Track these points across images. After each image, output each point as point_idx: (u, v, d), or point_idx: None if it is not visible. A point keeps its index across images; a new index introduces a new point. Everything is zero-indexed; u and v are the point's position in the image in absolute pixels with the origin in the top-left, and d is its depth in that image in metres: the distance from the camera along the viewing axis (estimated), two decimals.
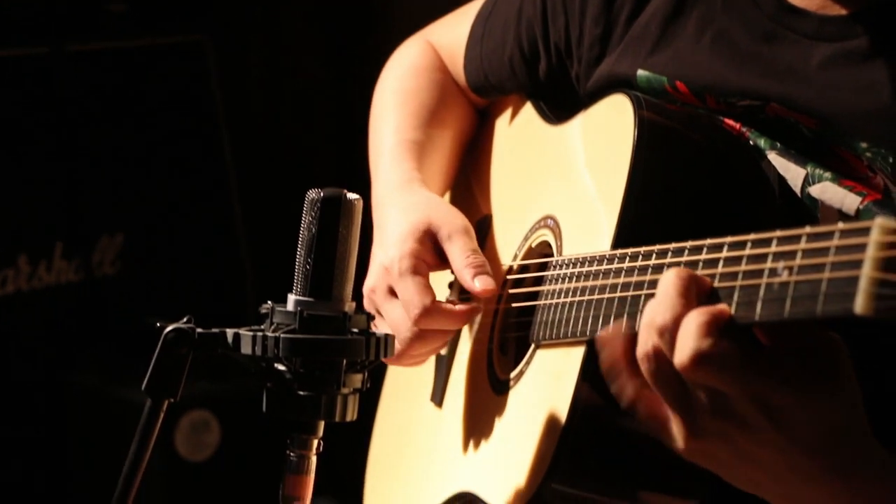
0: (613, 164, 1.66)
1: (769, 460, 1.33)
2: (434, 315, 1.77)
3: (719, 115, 1.68)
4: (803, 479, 1.33)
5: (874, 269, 1.19)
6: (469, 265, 1.78)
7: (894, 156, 1.53)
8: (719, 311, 1.33)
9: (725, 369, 1.30)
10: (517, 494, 1.67)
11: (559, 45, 1.85)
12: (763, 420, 1.31)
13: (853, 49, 1.56)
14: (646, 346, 1.36)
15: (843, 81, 1.55)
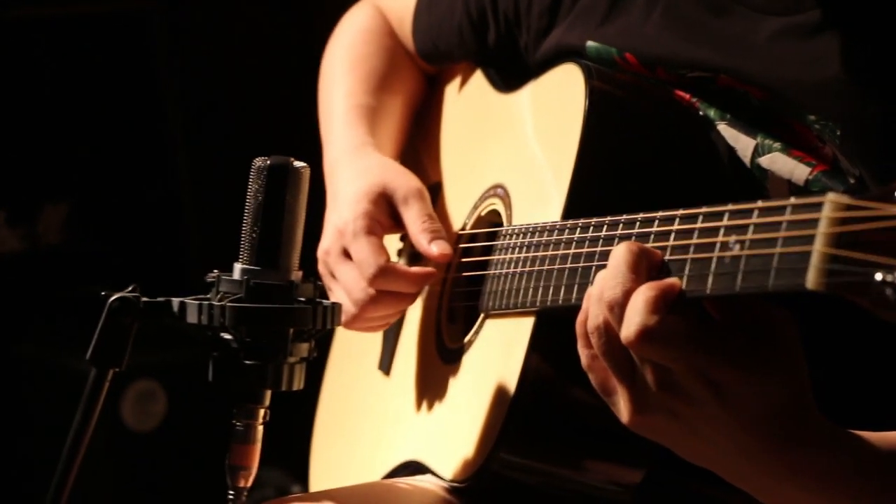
0: (564, 133, 1.65)
1: (714, 435, 1.33)
2: (388, 276, 1.76)
3: (670, 85, 1.67)
4: (746, 454, 1.33)
5: (825, 244, 1.19)
6: (425, 230, 1.78)
7: (842, 128, 1.53)
8: (668, 285, 1.32)
9: (671, 345, 1.30)
10: (465, 463, 1.67)
11: (508, 13, 1.84)
12: (708, 395, 1.31)
13: (801, 23, 1.56)
14: (596, 320, 1.35)
15: (791, 55, 1.55)
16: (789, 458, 1.32)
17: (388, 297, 1.78)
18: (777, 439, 1.31)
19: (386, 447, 1.87)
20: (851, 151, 1.53)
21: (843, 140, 1.53)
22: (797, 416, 1.31)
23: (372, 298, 1.77)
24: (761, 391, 1.30)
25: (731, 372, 1.29)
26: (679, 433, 1.35)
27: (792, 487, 1.34)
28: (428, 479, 1.75)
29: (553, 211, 1.63)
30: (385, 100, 2.02)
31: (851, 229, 1.16)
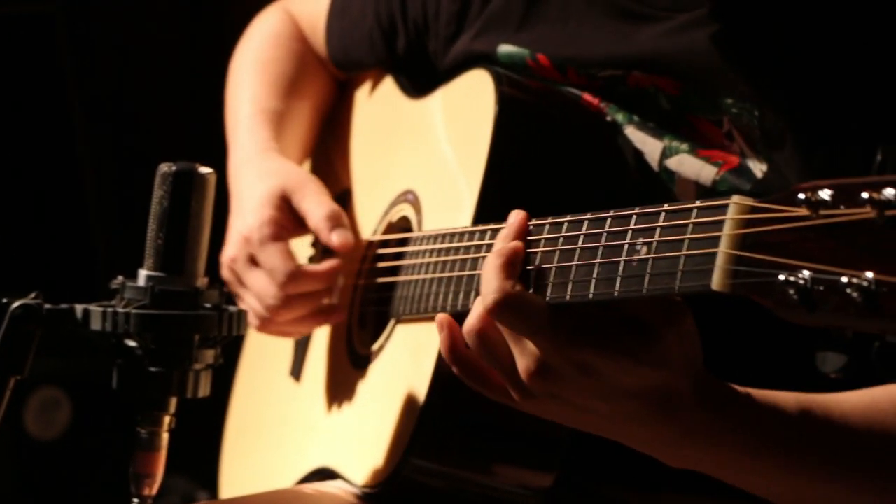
0: (474, 138, 1.65)
1: (600, 407, 1.35)
2: (299, 279, 1.76)
3: (579, 89, 1.68)
4: (639, 421, 1.35)
5: (730, 246, 1.19)
6: (324, 218, 1.78)
7: (760, 109, 1.54)
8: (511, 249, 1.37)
9: (526, 311, 1.33)
10: (376, 469, 1.66)
11: (417, 21, 1.84)
12: (578, 374, 1.33)
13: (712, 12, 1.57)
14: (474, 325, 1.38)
15: (704, 42, 1.57)
16: (679, 423, 1.34)
17: (300, 300, 1.78)
18: (661, 409, 1.34)
19: (297, 454, 1.86)
20: (769, 132, 1.53)
21: (761, 121, 1.54)
22: (677, 391, 1.33)
23: (284, 303, 1.77)
24: (633, 373, 1.32)
25: (596, 354, 1.32)
26: (566, 412, 1.37)
27: (690, 447, 1.37)
28: (338, 485, 1.74)
29: (463, 216, 1.63)
30: (293, 104, 2.01)
31: (755, 231, 1.17)
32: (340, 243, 1.77)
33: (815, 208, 1.12)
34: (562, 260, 1.38)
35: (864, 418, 1.41)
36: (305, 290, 1.77)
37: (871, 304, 1.06)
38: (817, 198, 1.12)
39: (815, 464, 1.40)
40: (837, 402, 1.41)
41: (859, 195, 1.09)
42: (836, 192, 1.11)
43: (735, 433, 1.36)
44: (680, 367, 1.33)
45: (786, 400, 1.39)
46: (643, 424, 1.35)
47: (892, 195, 1.07)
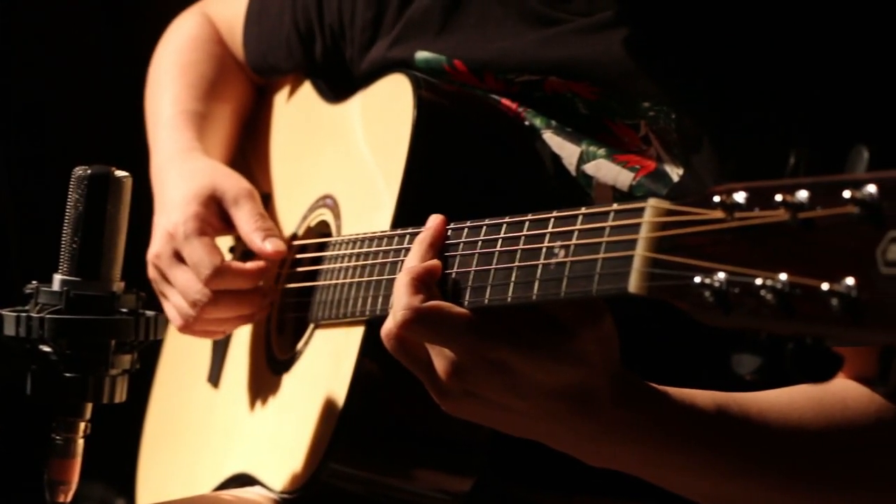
0: (392, 143, 1.65)
1: (518, 405, 1.36)
2: (225, 275, 1.75)
3: (497, 94, 1.68)
4: (556, 418, 1.36)
5: (647, 249, 1.20)
6: (258, 228, 1.77)
7: (677, 112, 1.55)
8: (424, 269, 1.38)
9: (436, 325, 1.34)
10: (294, 475, 1.66)
11: (333, 27, 1.84)
12: (501, 378, 1.34)
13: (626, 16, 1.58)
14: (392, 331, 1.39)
15: (618, 45, 1.57)
16: (597, 420, 1.36)
17: (226, 298, 1.77)
18: (580, 406, 1.35)
19: (215, 460, 1.85)
20: (686, 135, 1.54)
21: (678, 123, 1.55)
22: (596, 388, 1.34)
23: (210, 299, 1.75)
24: (550, 370, 1.33)
25: (511, 352, 1.33)
26: (484, 411, 1.38)
27: (609, 444, 1.38)
28: (257, 490, 1.73)
29: (382, 220, 1.63)
30: (213, 107, 2.00)
31: (671, 234, 1.18)
32: (274, 250, 1.76)
33: (730, 211, 1.13)
34: (480, 264, 1.38)
35: (781, 415, 1.42)
36: (231, 287, 1.76)
37: (784, 306, 1.07)
38: (732, 200, 1.13)
39: (732, 459, 1.42)
40: (755, 400, 1.42)
41: (773, 198, 1.10)
42: (750, 194, 1.12)
43: (653, 429, 1.38)
44: (598, 365, 1.34)
45: (703, 397, 1.41)
46: (562, 423, 1.36)
47: (804, 198, 1.08)
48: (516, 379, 1.34)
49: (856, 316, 1.03)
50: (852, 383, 1.46)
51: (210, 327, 1.79)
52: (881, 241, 1.02)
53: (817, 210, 1.07)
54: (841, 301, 1.03)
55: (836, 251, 1.05)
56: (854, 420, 1.45)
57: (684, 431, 1.39)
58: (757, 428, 1.42)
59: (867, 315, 1.02)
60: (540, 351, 1.33)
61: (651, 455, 1.39)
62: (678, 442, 1.39)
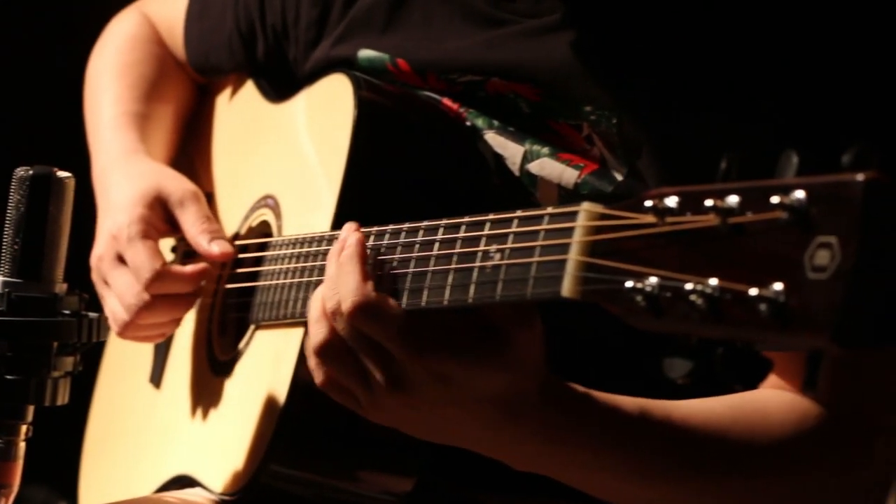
0: (333, 144, 1.65)
1: (452, 415, 1.38)
2: (166, 279, 1.74)
3: (439, 94, 1.69)
4: (482, 423, 1.38)
5: (580, 253, 1.21)
6: (204, 230, 1.77)
7: (617, 117, 1.56)
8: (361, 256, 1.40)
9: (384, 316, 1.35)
10: (235, 476, 1.66)
11: (276, 26, 1.84)
12: (440, 388, 1.35)
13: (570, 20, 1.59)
14: (320, 336, 1.40)
15: (562, 49, 1.58)
16: (524, 423, 1.38)
17: (163, 302, 1.76)
18: (508, 411, 1.37)
19: (156, 461, 1.84)
20: (627, 140, 1.56)
21: (619, 128, 1.56)
22: (524, 392, 1.36)
23: (147, 304, 1.75)
24: (486, 377, 1.35)
25: (451, 361, 1.34)
26: (415, 418, 1.40)
27: (533, 447, 1.40)
28: (198, 492, 1.73)
29: (322, 221, 1.63)
30: (155, 107, 1.99)
31: (605, 238, 1.19)
32: (221, 253, 1.76)
33: (662, 215, 1.14)
34: (418, 266, 1.39)
35: (704, 422, 1.44)
36: (170, 291, 1.76)
37: (714, 311, 1.08)
38: (664, 205, 1.14)
39: (653, 464, 1.44)
40: (679, 407, 1.44)
41: (704, 202, 1.11)
42: (682, 199, 1.13)
43: (577, 432, 1.40)
44: (528, 369, 1.35)
45: (627, 402, 1.43)
46: (490, 428, 1.38)
47: (735, 202, 1.09)
48: (453, 388, 1.35)
49: (784, 321, 1.04)
50: (775, 392, 1.49)
51: (145, 332, 1.79)
52: (809, 247, 1.04)
53: (747, 215, 1.08)
54: (769, 306, 1.05)
55: (766, 256, 1.06)
56: (775, 428, 1.47)
57: (608, 434, 1.41)
58: (679, 434, 1.43)
59: (795, 320, 1.03)
60: (477, 358, 1.34)
61: (575, 457, 1.41)
62: (601, 444, 1.41)
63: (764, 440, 1.46)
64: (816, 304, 1.02)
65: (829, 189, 1.04)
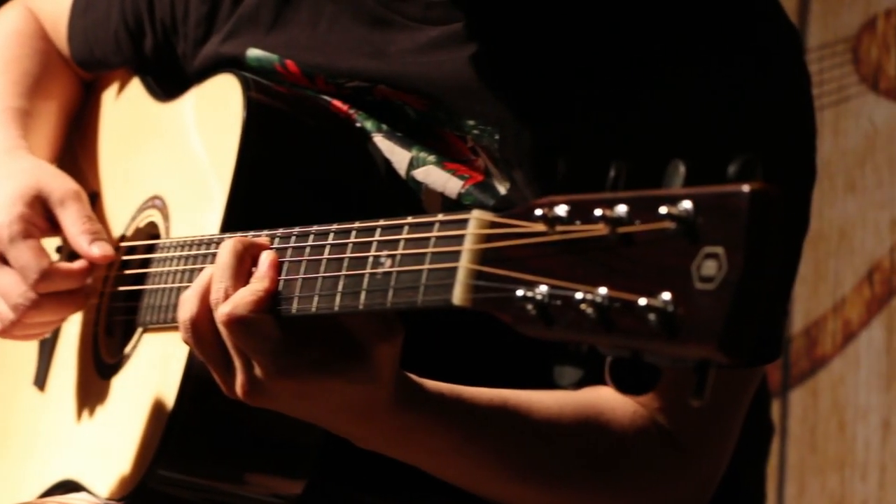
0: (222, 145, 1.64)
1: (307, 417, 1.43)
2: (53, 277, 1.72)
3: (328, 96, 1.68)
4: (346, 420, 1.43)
5: (471, 261, 1.21)
6: (85, 231, 1.74)
7: (500, 133, 1.57)
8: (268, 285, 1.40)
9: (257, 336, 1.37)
10: (122, 481, 1.64)
11: (165, 21, 1.82)
12: (297, 403, 1.40)
13: (457, 31, 1.60)
14: (191, 313, 1.41)
15: (447, 61, 1.59)
16: (374, 426, 1.43)
17: (51, 301, 1.73)
18: (360, 416, 1.42)
19: (41, 465, 1.82)
20: (508, 156, 1.57)
21: (501, 144, 1.57)
22: (379, 400, 1.41)
23: (34, 303, 1.72)
24: (344, 393, 1.39)
25: (311, 381, 1.38)
26: (271, 406, 1.42)
27: (384, 446, 1.47)
28: (83, 497, 1.71)
29: (211, 223, 1.62)
30: (39, 104, 1.96)
31: (495, 246, 1.19)
32: (102, 255, 1.73)
33: (552, 224, 1.14)
34: (309, 272, 1.38)
35: (547, 417, 1.49)
36: (59, 289, 1.73)
37: (604, 320, 1.09)
38: (553, 214, 1.14)
39: (507, 460, 1.49)
40: (529, 403, 1.49)
41: (593, 212, 1.11)
42: (571, 208, 1.14)
43: (428, 431, 1.45)
44: (384, 381, 1.38)
45: (482, 397, 1.48)
46: (341, 429, 1.44)
47: (623, 212, 1.10)
48: (308, 401, 1.39)
49: (672, 330, 1.05)
50: (621, 398, 1.53)
51: (31, 331, 1.76)
52: (696, 257, 1.05)
53: (636, 224, 1.09)
54: (658, 316, 1.05)
55: (654, 266, 1.07)
56: (615, 430, 1.52)
57: (457, 432, 1.47)
58: (532, 429, 1.49)
59: (683, 330, 1.04)
60: (337, 376, 1.37)
61: (426, 454, 1.48)
62: (451, 443, 1.47)
63: (604, 441, 1.52)
64: (703, 313, 1.03)
65: (716, 200, 1.05)
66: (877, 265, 3.05)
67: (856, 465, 3.05)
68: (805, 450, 3.09)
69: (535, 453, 1.51)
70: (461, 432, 1.47)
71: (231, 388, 1.41)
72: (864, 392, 3.05)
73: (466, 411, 1.46)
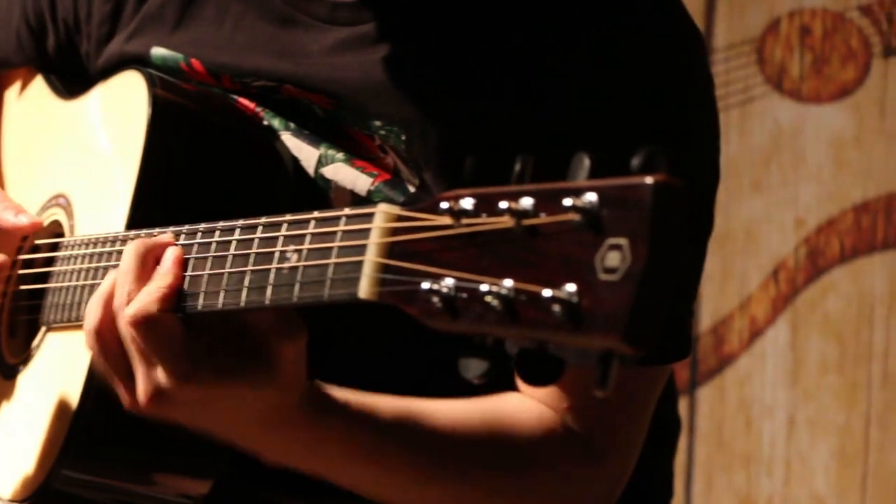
0: (127, 142, 1.63)
1: (206, 427, 1.43)
2: None
3: (235, 94, 1.67)
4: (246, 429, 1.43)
5: (377, 254, 1.21)
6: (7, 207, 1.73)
7: (407, 134, 1.57)
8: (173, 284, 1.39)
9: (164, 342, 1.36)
10: (25, 482, 1.62)
11: (67, 20, 1.80)
12: (198, 412, 1.40)
13: (364, 33, 1.60)
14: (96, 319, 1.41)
15: (353, 62, 1.59)
16: (278, 434, 1.42)
17: None
18: (262, 424, 1.41)
19: None
20: (416, 157, 1.57)
21: (407, 145, 1.57)
22: (284, 406, 1.40)
23: None
24: (247, 400, 1.39)
25: (213, 387, 1.37)
26: (180, 416, 1.42)
27: (287, 455, 1.46)
28: None
29: (117, 221, 1.60)
30: None
31: (401, 239, 1.19)
32: (31, 224, 1.72)
33: (458, 217, 1.15)
34: (214, 267, 1.38)
35: (461, 424, 1.50)
36: None
37: (509, 312, 1.09)
38: (459, 207, 1.15)
39: (411, 469, 1.49)
40: (433, 412, 1.49)
41: (498, 204, 1.12)
42: (477, 200, 1.14)
43: (335, 440, 1.45)
44: (290, 386, 1.38)
45: (386, 407, 1.47)
46: (241, 441, 1.43)
47: (529, 205, 1.10)
48: (210, 409, 1.39)
49: (577, 322, 1.05)
50: (528, 402, 1.54)
51: None
52: (600, 248, 1.06)
53: (541, 217, 1.10)
54: (563, 307, 1.06)
55: (559, 258, 1.08)
56: (521, 435, 1.53)
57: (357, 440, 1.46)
58: (436, 437, 1.49)
59: (587, 321, 1.05)
60: (239, 382, 1.36)
61: (330, 464, 1.48)
62: (353, 452, 1.47)
63: (510, 449, 1.53)
64: (607, 305, 1.04)
65: (619, 192, 1.05)
66: (782, 264, 3.10)
67: (762, 461, 3.09)
68: (712, 446, 3.13)
69: (440, 462, 1.51)
70: (367, 442, 1.47)
71: (133, 398, 1.40)
72: (769, 389, 3.09)
73: (371, 420, 1.46)
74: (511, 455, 1.54)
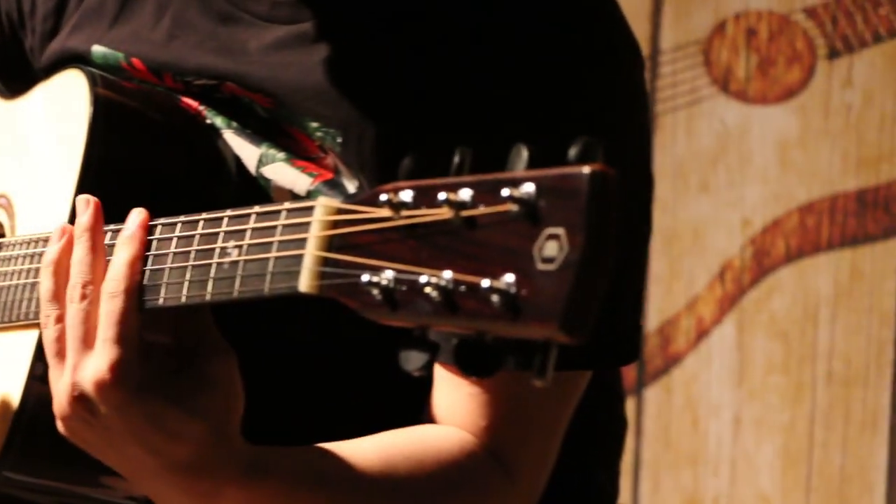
0: (69, 142, 1.62)
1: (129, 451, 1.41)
2: None
3: (177, 93, 1.67)
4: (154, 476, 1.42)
5: (317, 247, 1.21)
6: None
7: (343, 136, 1.57)
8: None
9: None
10: None
11: (11, 15, 1.79)
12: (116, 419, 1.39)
13: (303, 32, 1.59)
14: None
15: (292, 62, 1.58)
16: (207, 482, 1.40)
17: None
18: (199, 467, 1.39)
19: None
20: (351, 159, 1.57)
21: (343, 147, 1.57)
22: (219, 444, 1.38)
23: None
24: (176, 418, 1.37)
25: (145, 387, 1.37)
26: (98, 444, 1.41)
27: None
28: None
29: (58, 220, 1.59)
30: None
31: (341, 232, 1.19)
32: None
33: (397, 209, 1.15)
34: (155, 263, 1.37)
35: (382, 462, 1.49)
36: None
37: (448, 303, 1.09)
38: (399, 199, 1.15)
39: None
40: (351, 451, 1.47)
41: (437, 196, 1.12)
42: (416, 192, 1.14)
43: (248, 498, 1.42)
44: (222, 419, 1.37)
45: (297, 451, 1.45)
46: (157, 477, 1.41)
47: (467, 196, 1.11)
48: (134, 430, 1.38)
49: (515, 311, 1.06)
50: (450, 432, 1.54)
51: None
52: (538, 238, 1.06)
53: (480, 208, 1.10)
54: (501, 297, 1.06)
55: (498, 248, 1.08)
56: (443, 464, 1.52)
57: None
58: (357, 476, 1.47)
59: (525, 310, 1.05)
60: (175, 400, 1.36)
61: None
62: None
63: (437, 474, 1.51)
64: (545, 294, 1.04)
65: (557, 182, 1.06)
66: (728, 264, 3.11)
67: (708, 460, 3.10)
68: (659, 446, 3.14)
69: (359, 499, 1.50)
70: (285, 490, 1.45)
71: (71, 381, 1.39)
72: (716, 389, 3.10)
73: (289, 468, 1.44)
74: (434, 484, 1.53)
